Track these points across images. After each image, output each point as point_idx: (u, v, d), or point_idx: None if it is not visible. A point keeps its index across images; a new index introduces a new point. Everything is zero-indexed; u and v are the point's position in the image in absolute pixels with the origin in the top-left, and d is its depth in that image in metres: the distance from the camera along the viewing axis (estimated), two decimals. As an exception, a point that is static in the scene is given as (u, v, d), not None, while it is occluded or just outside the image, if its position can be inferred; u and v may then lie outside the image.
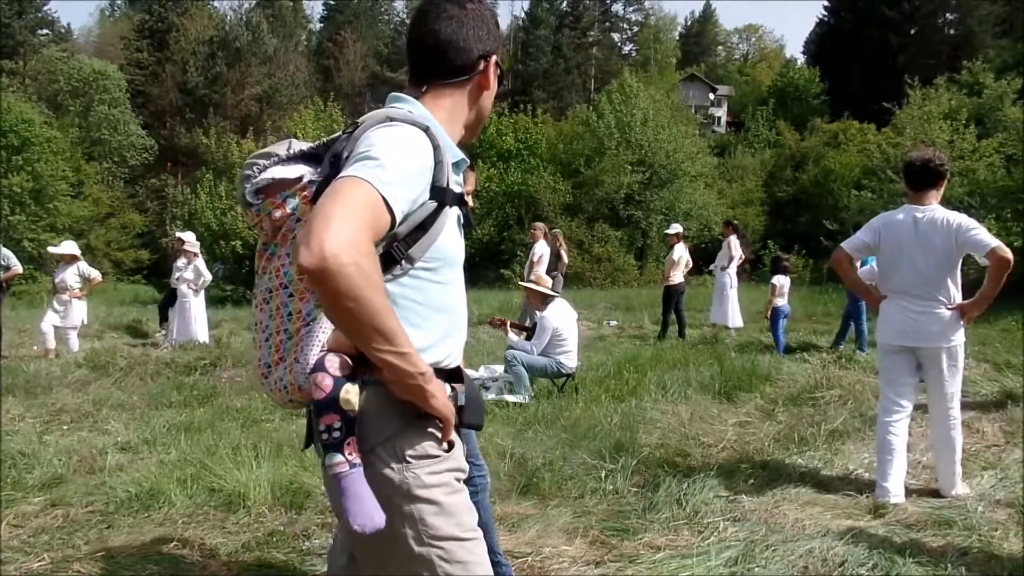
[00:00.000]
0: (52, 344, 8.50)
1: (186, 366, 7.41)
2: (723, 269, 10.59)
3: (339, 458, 1.30)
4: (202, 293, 9.64)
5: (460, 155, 1.47)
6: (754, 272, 23.93)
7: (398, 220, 1.25)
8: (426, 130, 1.35)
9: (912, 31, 37.36)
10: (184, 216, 25.74)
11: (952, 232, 3.51)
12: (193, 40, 38.40)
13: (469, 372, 6.74)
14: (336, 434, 1.30)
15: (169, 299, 10.24)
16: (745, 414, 5.36)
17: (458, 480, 1.43)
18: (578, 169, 26.15)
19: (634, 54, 54.76)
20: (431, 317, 1.40)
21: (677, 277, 10.01)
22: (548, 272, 9.53)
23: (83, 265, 8.86)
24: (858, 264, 7.28)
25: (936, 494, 3.71)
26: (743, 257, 11.24)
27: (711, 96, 51.57)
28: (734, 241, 10.68)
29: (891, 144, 21.37)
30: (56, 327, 8.56)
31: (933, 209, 3.61)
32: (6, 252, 8.60)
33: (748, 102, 43.68)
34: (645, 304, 14.47)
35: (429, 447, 1.37)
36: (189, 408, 5.88)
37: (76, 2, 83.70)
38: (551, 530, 3.24)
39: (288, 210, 1.42)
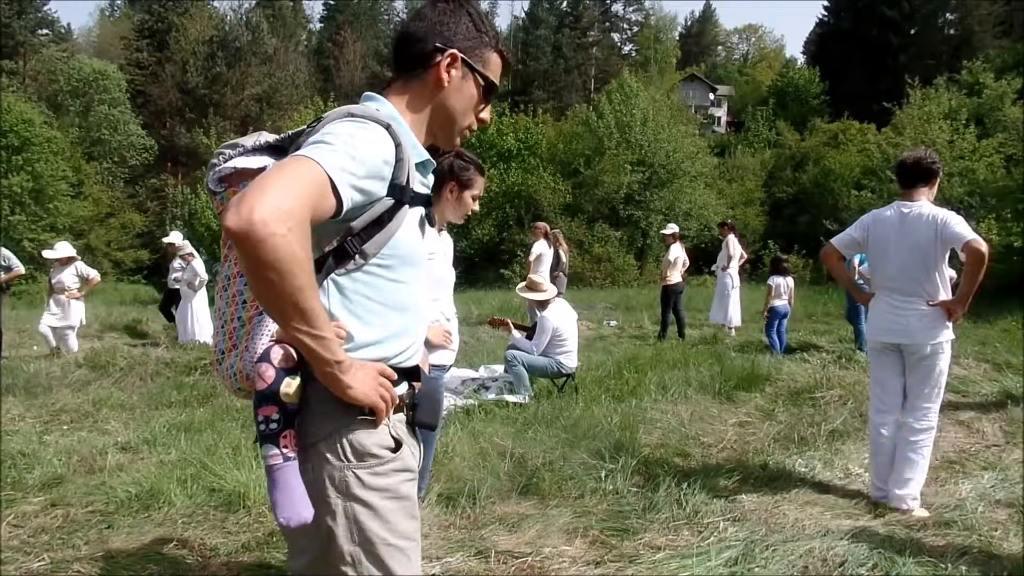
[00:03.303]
0: (55, 343, 8.48)
1: (186, 366, 7.41)
2: (724, 269, 10.64)
3: (274, 450, 1.31)
4: (203, 292, 9.64)
5: (425, 156, 1.46)
6: (754, 272, 23.92)
7: (346, 208, 1.25)
8: (387, 127, 1.34)
9: (912, 31, 37.36)
10: (184, 216, 25.75)
11: (935, 227, 3.50)
12: (193, 40, 38.39)
13: (469, 372, 6.67)
14: (273, 426, 1.31)
15: (169, 300, 10.23)
16: (745, 414, 5.36)
17: (407, 481, 1.42)
18: (578, 169, 26.14)
19: (634, 54, 54.69)
20: (383, 314, 1.39)
21: (675, 277, 10.03)
22: (550, 272, 9.54)
23: (81, 265, 8.82)
24: (856, 261, 7.33)
25: (936, 493, 3.69)
26: (744, 256, 11.26)
27: (711, 96, 51.53)
28: (733, 240, 10.71)
29: (891, 144, 21.37)
30: (54, 327, 8.53)
31: (920, 205, 3.61)
32: (6, 253, 8.58)
33: (748, 102, 43.67)
34: (645, 304, 14.46)
35: (372, 446, 1.36)
36: (189, 408, 5.88)
37: (76, 2, 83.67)
38: (551, 530, 3.23)
39: None
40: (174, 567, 2.96)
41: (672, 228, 10.56)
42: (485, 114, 1.57)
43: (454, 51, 1.46)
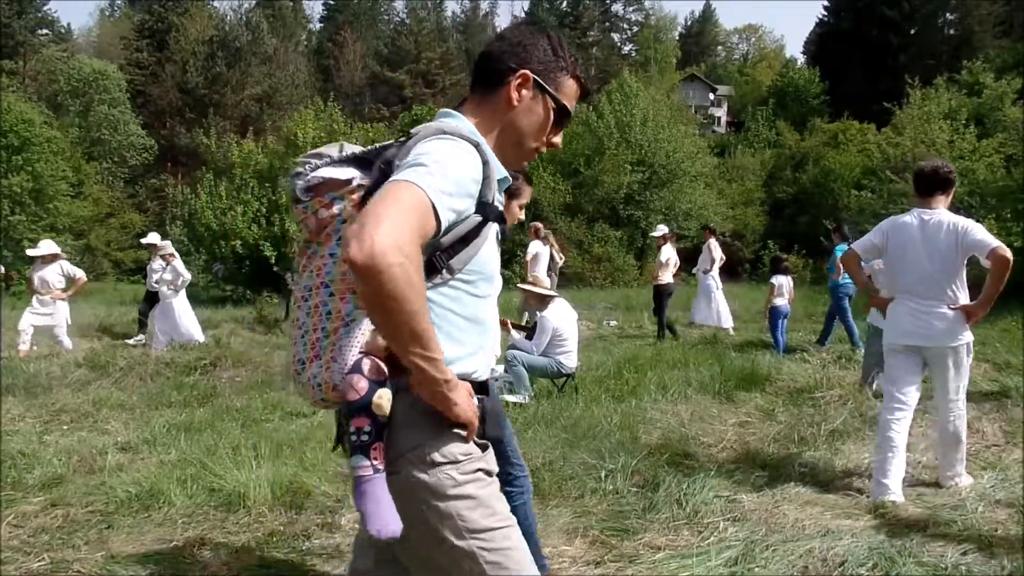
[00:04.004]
0: (28, 344, 8.27)
1: (186, 366, 7.40)
2: (705, 272, 10.97)
3: (364, 462, 1.33)
4: (183, 292, 9.49)
5: (505, 173, 1.51)
6: (754, 272, 23.92)
7: (443, 228, 1.28)
8: (477, 146, 1.38)
9: (912, 31, 37.39)
10: (184, 216, 25.71)
11: (956, 234, 3.62)
12: (193, 40, 38.43)
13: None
14: (365, 437, 1.32)
15: (150, 304, 10.06)
16: (745, 414, 5.35)
17: (489, 475, 1.46)
18: (578, 169, 26.14)
19: (634, 54, 54.72)
20: (467, 329, 1.43)
21: (666, 277, 10.12)
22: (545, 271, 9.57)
23: (66, 264, 8.67)
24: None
25: (936, 493, 3.71)
26: (723, 259, 11.51)
27: (711, 96, 51.52)
28: (714, 244, 11.10)
29: (891, 144, 21.36)
30: (37, 326, 8.40)
31: (939, 212, 3.73)
32: None
33: (748, 102, 43.70)
34: (645, 304, 14.41)
35: (457, 452, 1.39)
36: (189, 408, 5.88)
37: (76, 2, 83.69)
38: (551, 530, 3.23)
39: (335, 210, 1.44)
40: (174, 567, 2.96)
41: (662, 230, 10.77)
42: (557, 139, 1.60)
43: (526, 72, 1.50)
